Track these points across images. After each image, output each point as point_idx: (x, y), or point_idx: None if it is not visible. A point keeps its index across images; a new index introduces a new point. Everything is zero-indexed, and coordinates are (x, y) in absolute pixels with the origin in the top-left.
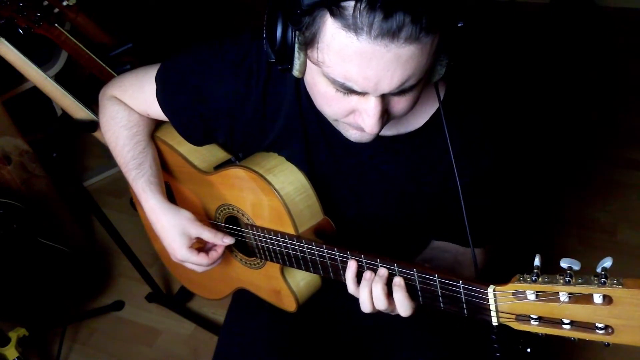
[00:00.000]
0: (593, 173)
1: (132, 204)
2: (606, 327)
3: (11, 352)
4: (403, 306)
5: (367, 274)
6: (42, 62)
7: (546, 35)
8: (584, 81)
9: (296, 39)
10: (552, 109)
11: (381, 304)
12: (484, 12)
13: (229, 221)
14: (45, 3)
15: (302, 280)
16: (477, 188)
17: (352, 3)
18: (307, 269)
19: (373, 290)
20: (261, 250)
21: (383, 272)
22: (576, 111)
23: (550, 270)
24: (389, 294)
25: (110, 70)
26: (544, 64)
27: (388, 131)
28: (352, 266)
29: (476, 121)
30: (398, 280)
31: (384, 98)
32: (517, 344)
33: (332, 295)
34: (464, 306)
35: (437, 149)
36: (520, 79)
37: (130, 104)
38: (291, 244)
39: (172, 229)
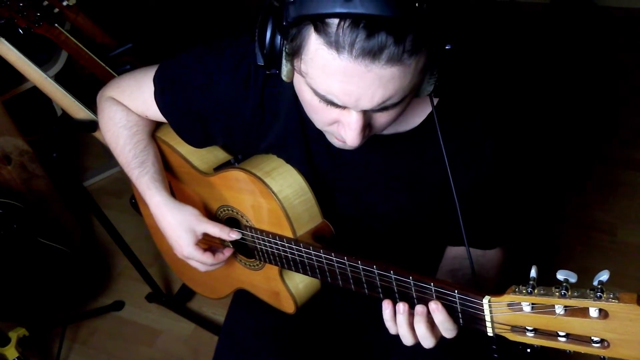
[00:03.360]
0: (593, 173)
1: (132, 204)
2: (602, 341)
3: (11, 352)
4: (446, 329)
5: (401, 307)
6: (42, 62)
7: (546, 35)
8: (583, 81)
9: (284, 47)
10: (552, 109)
11: (428, 342)
12: (484, 12)
13: (229, 222)
14: (45, 3)
15: (301, 283)
16: (480, 189)
17: (337, 20)
18: (304, 272)
19: (416, 329)
20: (260, 252)
21: (421, 309)
22: (576, 111)
23: (551, 272)
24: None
25: (110, 70)
26: (543, 64)
27: (385, 130)
28: (388, 307)
29: (475, 122)
30: (434, 306)
31: (366, 112)
32: (517, 345)
33: (332, 295)
34: (460, 315)
35: (436, 147)
36: (520, 79)
37: (129, 105)
38: (289, 247)
39: (179, 226)
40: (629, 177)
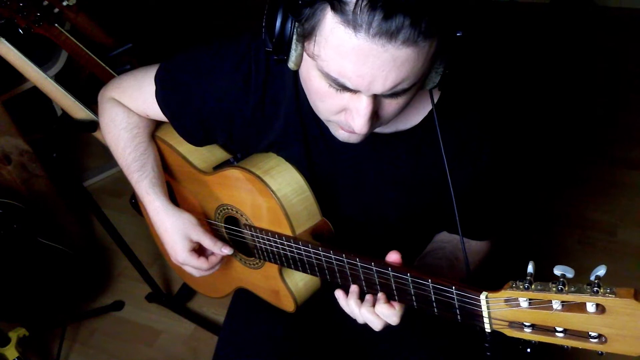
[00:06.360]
0: (593, 173)
1: (132, 204)
2: (599, 336)
3: (11, 352)
4: (387, 317)
5: (369, 297)
6: (42, 62)
7: (546, 35)
8: (583, 81)
9: (295, 30)
10: (551, 108)
11: (375, 325)
12: (484, 12)
13: (228, 221)
14: (45, 3)
15: (300, 281)
16: (477, 185)
17: (354, 0)
18: (304, 271)
19: (362, 314)
20: (259, 251)
21: (368, 297)
22: (576, 111)
23: (550, 272)
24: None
25: (110, 70)
26: (544, 64)
27: (386, 129)
28: (341, 297)
29: (474, 119)
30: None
31: (375, 99)
32: (517, 344)
33: (332, 295)
34: (457, 312)
35: (436, 145)
36: (520, 79)
37: (129, 105)
38: (288, 245)
39: (175, 232)
40: (629, 177)
